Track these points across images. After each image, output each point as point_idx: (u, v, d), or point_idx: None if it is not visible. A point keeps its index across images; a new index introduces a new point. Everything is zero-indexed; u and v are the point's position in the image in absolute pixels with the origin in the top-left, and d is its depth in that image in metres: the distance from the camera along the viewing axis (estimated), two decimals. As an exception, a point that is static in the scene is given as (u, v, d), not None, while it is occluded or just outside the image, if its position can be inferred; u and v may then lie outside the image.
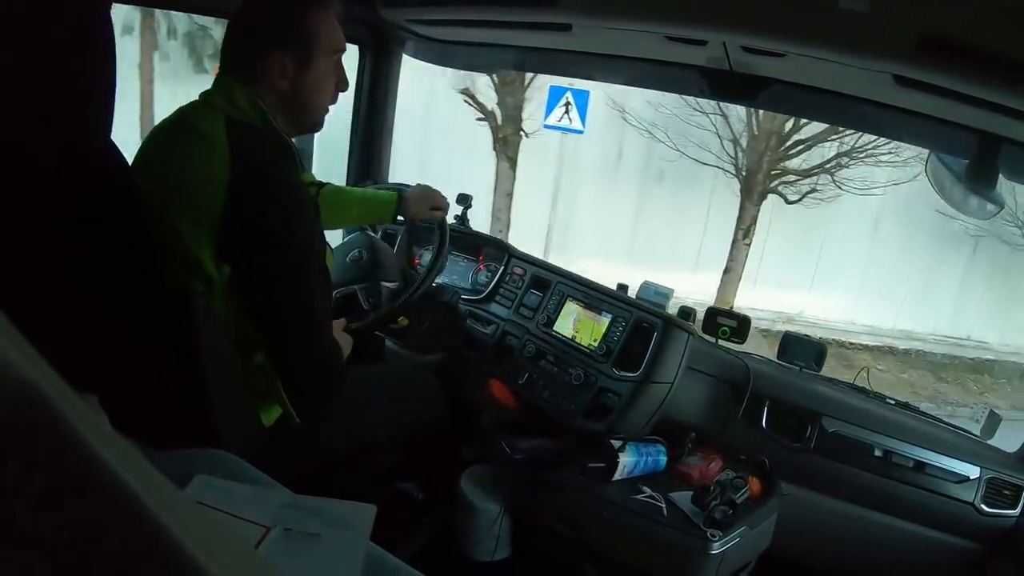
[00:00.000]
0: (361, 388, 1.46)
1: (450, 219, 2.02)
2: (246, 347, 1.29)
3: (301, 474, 1.47)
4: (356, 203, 1.86)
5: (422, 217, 1.93)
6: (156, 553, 0.28)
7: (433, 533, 1.95)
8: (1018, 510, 1.71)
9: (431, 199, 1.92)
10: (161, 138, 1.28)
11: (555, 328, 1.94)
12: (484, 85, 7.46)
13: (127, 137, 1.18)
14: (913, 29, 1.10)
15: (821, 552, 1.88)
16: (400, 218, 1.93)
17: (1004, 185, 1.50)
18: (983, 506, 1.71)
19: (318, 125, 1.38)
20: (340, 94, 1.38)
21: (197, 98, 1.28)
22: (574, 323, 1.91)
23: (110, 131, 1.01)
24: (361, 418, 1.56)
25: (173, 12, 6.49)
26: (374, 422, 1.64)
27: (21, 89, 0.86)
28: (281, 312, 1.24)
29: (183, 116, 1.26)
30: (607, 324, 1.86)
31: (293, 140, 1.33)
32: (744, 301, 7.92)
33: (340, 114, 1.61)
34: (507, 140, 7.73)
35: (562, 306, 1.95)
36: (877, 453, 1.75)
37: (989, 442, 1.82)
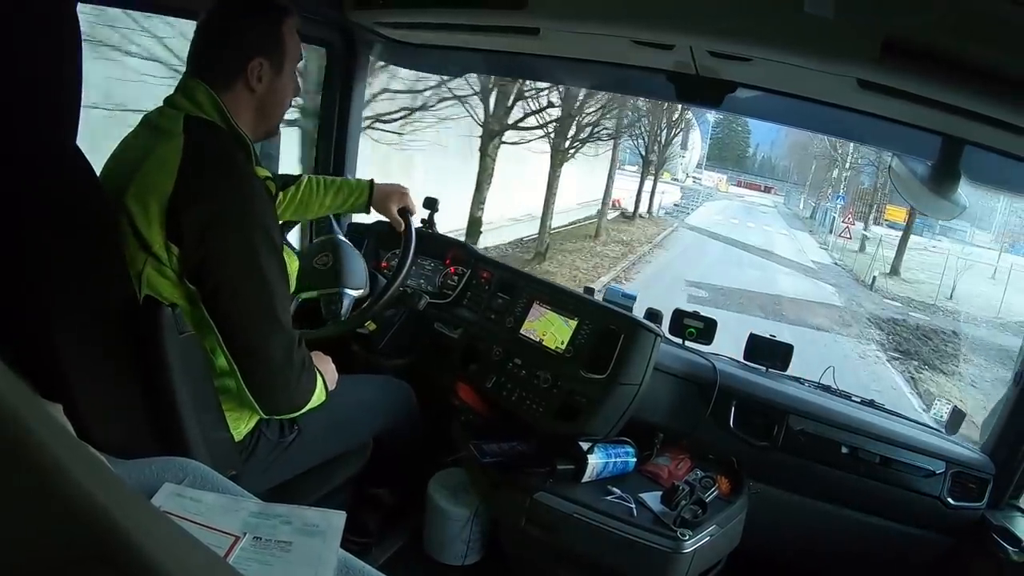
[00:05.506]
0: (329, 394, 1.44)
1: (416, 223, 2.00)
2: (211, 353, 1.29)
3: (272, 483, 1.46)
4: (332, 191, 1.90)
5: (388, 214, 1.94)
6: (124, 565, 0.28)
7: (404, 538, 1.94)
8: (984, 502, 1.75)
9: (401, 198, 1.94)
10: (126, 142, 1.33)
11: (523, 331, 1.92)
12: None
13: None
14: (877, 34, 1.11)
15: (791, 549, 1.91)
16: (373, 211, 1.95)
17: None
18: (950, 499, 1.75)
19: (275, 129, 1.44)
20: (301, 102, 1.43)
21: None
22: (541, 326, 1.90)
23: (76, 131, 1.00)
24: (329, 424, 1.54)
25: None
26: (342, 427, 1.63)
27: None
28: (230, 294, 1.23)
29: (147, 120, 1.32)
30: (574, 326, 1.84)
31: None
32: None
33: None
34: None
35: (529, 309, 1.94)
36: (844, 450, 1.78)
37: (952, 437, 1.86)
